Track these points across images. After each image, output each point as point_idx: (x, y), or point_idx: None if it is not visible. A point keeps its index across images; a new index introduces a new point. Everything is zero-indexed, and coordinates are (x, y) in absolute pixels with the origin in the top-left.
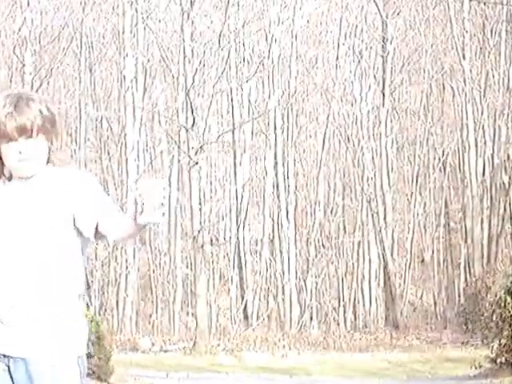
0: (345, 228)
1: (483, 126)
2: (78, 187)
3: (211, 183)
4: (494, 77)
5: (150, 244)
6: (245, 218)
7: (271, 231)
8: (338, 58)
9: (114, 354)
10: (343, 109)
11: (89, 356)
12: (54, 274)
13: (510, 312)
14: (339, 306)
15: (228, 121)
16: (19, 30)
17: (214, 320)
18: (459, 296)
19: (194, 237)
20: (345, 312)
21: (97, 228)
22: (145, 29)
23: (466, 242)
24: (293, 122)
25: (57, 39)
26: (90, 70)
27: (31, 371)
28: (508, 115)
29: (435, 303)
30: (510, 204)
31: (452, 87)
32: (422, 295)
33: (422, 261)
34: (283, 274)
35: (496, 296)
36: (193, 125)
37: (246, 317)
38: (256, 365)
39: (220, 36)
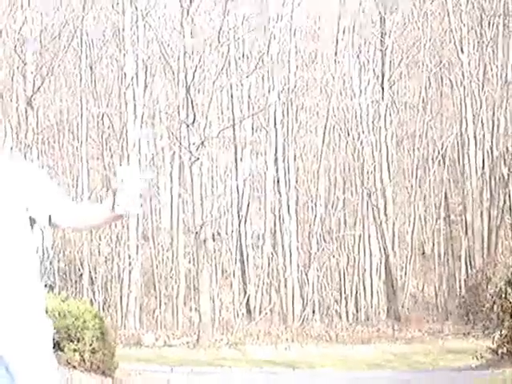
0: (346, 222)
1: (482, 119)
2: (29, 178)
3: (212, 178)
4: (492, 70)
5: (153, 240)
6: (246, 213)
7: (273, 226)
8: (337, 52)
9: (118, 349)
10: (343, 103)
11: (93, 351)
12: (30, 270)
13: (510, 303)
14: (341, 298)
15: (228, 116)
16: (20, 28)
17: (217, 314)
18: (460, 288)
19: (196, 232)
20: (347, 305)
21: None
22: (145, 26)
23: (466, 234)
24: (293, 117)
25: (57, 37)
26: (91, 68)
27: (14, 367)
28: (506, 108)
29: (436, 295)
30: (509, 196)
31: (450, 80)
32: (423, 287)
33: (423, 253)
34: (285, 267)
35: (497, 287)
36: (193, 121)
37: (248, 311)
38: (259, 358)
39: (219, 32)
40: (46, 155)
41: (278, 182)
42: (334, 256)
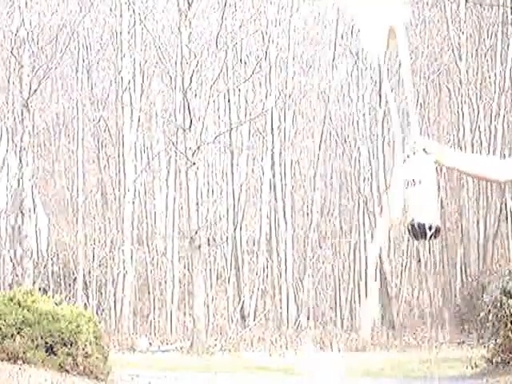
0: (341, 228)
1: (479, 127)
2: None
3: (208, 184)
4: (489, 78)
5: (148, 244)
6: (242, 219)
7: (268, 231)
8: (334, 58)
9: (111, 354)
10: (340, 110)
11: (86, 356)
12: None
13: (505, 312)
14: (336, 305)
15: (225, 121)
16: (17, 30)
17: (211, 320)
18: (455, 296)
19: (192, 237)
20: (341, 312)
21: None
22: (142, 30)
23: (462, 242)
24: (290, 123)
25: (55, 40)
26: (88, 71)
27: None
28: (504, 116)
29: (431, 303)
30: (505, 204)
31: (448, 88)
32: (418, 295)
33: (419, 261)
34: (280, 273)
35: (492, 296)
36: (190, 125)
37: (243, 317)
38: (253, 364)
39: (217, 37)
40: (41, 158)
41: (274, 187)
42: (329, 262)
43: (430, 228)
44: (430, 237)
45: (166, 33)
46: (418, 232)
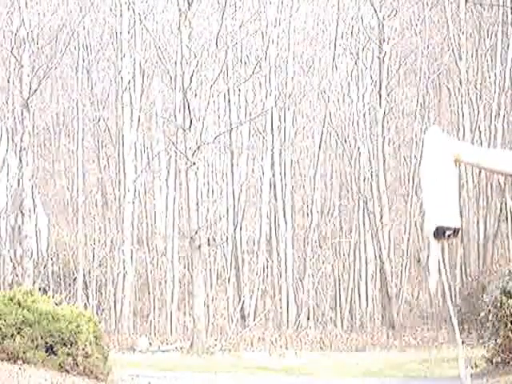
0: (341, 228)
1: (479, 127)
2: None
3: (208, 184)
4: (490, 78)
5: (148, 244)
6: (242, 219)
7: (268, 231)
8: (334, 58)
9: (111, 354)
10: (340, 109)
11: (86, 355)
12: None
13: (505, 312)
14: (336, 305)
15: (225, 121)
16: (17, 30)
17: (211, 320)
18: (455, 296)
19: (192, 237)
20: (341, 312)
21: None
22: (142, 30)
23: (462, 242)
24: (290, 123)
25: (55, 40)
26: (88, 71)
27: None
28: (504, 116)
29: (431, 303)
30: (505, 204)
31: (448, 88)
32: (418, 295)
33: (418, 261)
34: (280, 274)
35: (492, 296)
36: (190, 125)
37: (243, 317)
38: (253, 364)
39: (217, 37)
40: (41, 158)
41: (275, 187)
42: (329, 263)
43: (448, 229)
44: (449, 236)
45: (166, 33)
46: (436, 233)
